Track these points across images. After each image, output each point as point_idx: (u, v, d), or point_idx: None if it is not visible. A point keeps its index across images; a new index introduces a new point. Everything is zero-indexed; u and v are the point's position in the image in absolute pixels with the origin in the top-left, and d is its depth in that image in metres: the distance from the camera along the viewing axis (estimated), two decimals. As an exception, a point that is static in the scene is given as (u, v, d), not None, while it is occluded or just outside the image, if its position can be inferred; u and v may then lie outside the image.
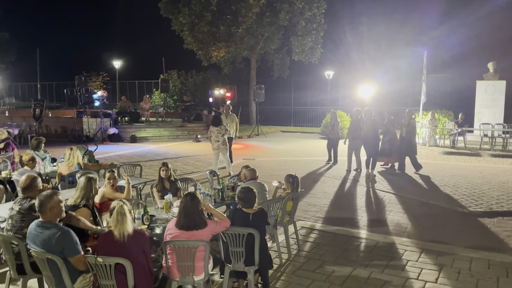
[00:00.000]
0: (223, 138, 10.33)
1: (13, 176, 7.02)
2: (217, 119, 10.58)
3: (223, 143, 10.34)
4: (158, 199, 5.71)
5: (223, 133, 10.34)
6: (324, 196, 8.58)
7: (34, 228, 3.66)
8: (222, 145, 10.35)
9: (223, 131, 10.35)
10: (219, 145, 10.34)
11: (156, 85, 29.27)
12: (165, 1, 23.70)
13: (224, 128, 10.44)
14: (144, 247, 3.66)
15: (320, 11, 23.03)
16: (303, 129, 24.25)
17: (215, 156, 10.54)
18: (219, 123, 10.47)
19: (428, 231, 6.44)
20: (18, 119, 20.70)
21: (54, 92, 37.98)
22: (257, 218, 4.33)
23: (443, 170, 11.30)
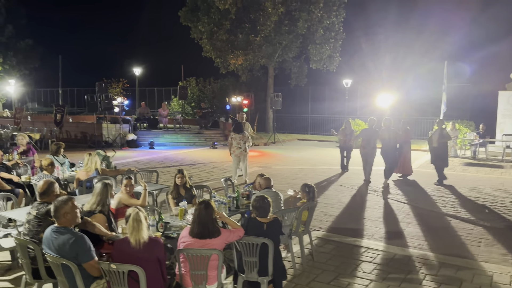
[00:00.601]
0: (245, 146, 10.44)
1: (33, 180, 7.13)
2: (239, 127, 10.68)
3: (245, 150, 10.46)
4: (173, 206, 5.72)
5: (245, 140, 10.45)
6: (340, 206, 8.47)
7: (50, 233, 3.69)
8: (244, 151, 10.48)
9: (245, 138, 10.46)
10: (242, 151, 10.46)
11: (174, 92, 29.58)
12: (185, 10, 24.01)
13: (246, 135, 10.55)
14: (158, 254, 3.65)
15: (339, 20, 22.98)
16: (320, 138, 24.09)
17: (235, 162, 10.61)
18: (241, 130, 10.57)
19: (447, 244, 6.28)
20: (40, 124, 21.14)
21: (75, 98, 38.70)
22: (272, 228, 4.29)
23: (464, 181, 11.05)
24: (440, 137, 10.65)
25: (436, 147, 10.71)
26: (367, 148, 10.67)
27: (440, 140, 10.65)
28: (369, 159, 10.77)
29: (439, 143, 10.65)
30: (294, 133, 26.48)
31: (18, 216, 5.18)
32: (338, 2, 22.46)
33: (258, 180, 6.20)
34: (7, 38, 34.29)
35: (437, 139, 10.68)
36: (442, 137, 10.65)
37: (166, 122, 21.60)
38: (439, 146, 10.65)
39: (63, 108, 19.47)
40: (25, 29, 35.94)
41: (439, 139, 10.65)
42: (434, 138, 10.78)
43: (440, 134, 10.68)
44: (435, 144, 10.73)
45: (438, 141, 10.66)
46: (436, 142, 10.68)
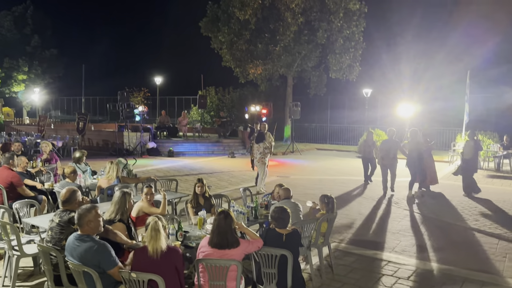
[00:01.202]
0: (260, 156, 10.61)
1: (55, 187, 7.26)
2: (260, 136, 10.80)
3: (259, 160, 10.64)
4: (193, 215, 5.74)
5: (261, 151, 10.60)
6: (360, 218, 8.35)
7: (72, 241, 3.75)
8: (257, 162, 10.71)
9: (261, 148, 10.60)
10: (255, 161, 10.78)
11: (194, 101, 29.87)
12: (206, 21, 24.34)
13: (262, 146, 10.65)
14: (176, 264, 3.66)
15: (359, 29, 22.89)
16: (339, 147, 23.90)
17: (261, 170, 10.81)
18: (260, 140, 10.70)
19: (470, 259, 6.11)
20: (62, 131, 21.60)
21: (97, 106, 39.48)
22: (291, 239, 4.25)
23: (487, 194, 10.77)
24: (475, 148, 10.47)
25: (468, 159, 10.51)
26: (386, 159, 10.53)
27: (474, 151, 10.46)
28: (391, 169, 10.61)
29: (473, 154, 10.46)
30: (313, 143, 26.33)
31: (41, 222, 5.28)
32: (358, 12, 22.40)
33: (277, 190, 6.18)
34: (33, 48, 35.36)
35: (470, 151, 10.47)
36: (476, 148, 10.49)
37: (186, 131, 21.80)
38: (472, 157, 10.46)
39: (85, 116, 19.86)
40: (50, 40, 37.02)
41: (474, 150, 10.46)
42: (466, 150, 10.57)
43: (475, 146, 10.50)
44: (468, 156, 10.51)
45: (471, 152, 10.45)
46: (470, 154, 10.47)
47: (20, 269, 5.08)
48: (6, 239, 4.79)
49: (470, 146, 10.52)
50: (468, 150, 10.51)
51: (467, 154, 10.53)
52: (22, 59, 33.84)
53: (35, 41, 35.31)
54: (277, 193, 6.17)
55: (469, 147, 10.54)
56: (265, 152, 10.63)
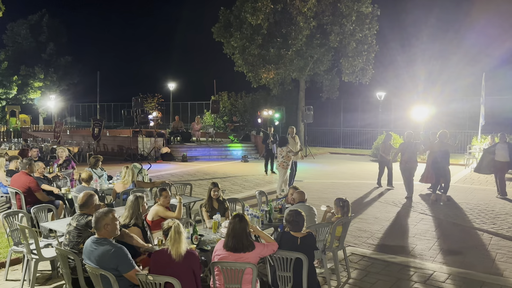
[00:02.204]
0: (282, 160, 10.51)
1: (72, 192, 7.37)
2: (282, 140, 10.81)
3: (280, 164, 10.56)
4: (207, 218, 5.77)
5: (283, 155, 10.51)
6: (376, 222, 8.29)
7: (90, 244, 3.80)
8: (279, 165, 10.64)
9: (284, 152, 10.51)
10: (278, 165, 10.74)
11: (207, 106, 30.03)
12: (218, 26, 24.50)
13: (286, 150, 10.55)
14: (194, 267, 3.69)
15: (372, 32, 22.79)
16: (353, 151, 23.76)
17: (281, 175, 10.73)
18: (284, 144, 10.65)
19: (487, 262, 6.02)
20: (78, 137, 21.90)
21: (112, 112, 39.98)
22: (306, 243, 4.25)
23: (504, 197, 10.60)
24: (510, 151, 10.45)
25: (506, 162, 10.50)
26: (410, 163, 10.45)
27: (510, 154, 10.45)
28: (412, 173, 10.52)
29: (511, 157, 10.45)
30: (326, 146, 26.25)
31: (58, 227, 5.36)
32: (371, 15, 22.32)
33: (290, 192, 6.19)
34: (48, 56, 36.02)
35: (506, 154, 10.47)
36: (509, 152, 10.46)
37: (199, 136, 21.92)
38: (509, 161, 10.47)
39: (100, 122, 20.13)
40: (65, 47, 37.68)
41: (510, 153, 10.45)
42: (502, 153, 10.53)
43: (510, 148, 10.50)
44: (504, 159, 10.49)
45: (509, 156, 10.45)
46: (507, 157, 10.47)
47: (39, 273, 5.16)
48: (25, 243, 4.88)
49: (505, 149, 10.51)
50: (504, 153, 10.50)
51: (504, 157, 10.50)
52: (38, 67, 34.46)
53: (50, 48, 35.97)
54: (291, 195, 6.18)
55: (503, 149, 10.52)
56: (288, 155, 10.48)
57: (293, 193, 6.36)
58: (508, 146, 10.61)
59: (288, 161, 10.50)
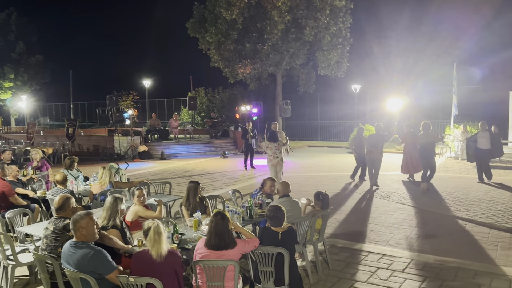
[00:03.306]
0: (281, 155, 10.33)
1: (48, 195, 7.22)
2: (274, 135, 10.51)
3: (281, 159, 10.31)
4: (188, 217, 5.74)
5: (281, 149, 10.36)
6: (354, 213, 8.42)
7: (68, 248, 3.75)
8: (281, 161, 10.33)
9: (280, 147, 10.36)
10: (279, 161, 10.31)
11: (184, 103, 29.82)
12: (192, 21, 24.26)
13: (281, 143, 10.44)
14: (176, 267, 3.68)
15: (346, 26, 23.00)
16: (330, 144, 24.05)
17: (272, 171, 10.43)
18: (276, 139, 10.40)
19: (463, 248, 6.21)
20: (52, 138, 21.42)
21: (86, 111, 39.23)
22: (286, 237, 4.29)
23: (478, 184, 10.94)
24: (491, 139, 11.01)
25: (486, 149, 11.00)
26: (374, 153, 10.70)
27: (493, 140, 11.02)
28: (375, 164, 10.78)
29: (492, 144, 10.99)
30: (304, 140, 26.47)
31: (35, 231, 5.25)
32: (344, 9, 22.51)
33: (268, 184, 6.32)
34: (18, 55, 34.99)
35: (488, 142, 10.99)
36: (493, 139, 11.04)
37: (177, 133, 21.75)
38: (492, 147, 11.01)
39: (74, 122, 19.76)
40: (36, 46, 36.64)
41: (491, 140, 11.00)
42: (483, 141, 11.02)
43: (492, 136, 11.08)
44: (485, 146, 10.99)
45: (490, 143, 10.99)
46: (488, 145, 10.99)
47: (16, 279, 5.05)
48: (0, 249, 4.76)
49: (486, 137, 11.02)
50: (485, 141, 11.00)
51: (485, 144, 10.99)
52: (8, 66, 33.47)
53: (20, 47, 34.95)
54: (269, 187, 6.24)
55: (485, 138, 11.02)
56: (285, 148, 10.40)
57: (273, 185, 6.43)
58: (489, 134, 11.08)
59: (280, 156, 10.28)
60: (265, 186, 6.49)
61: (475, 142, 11.24)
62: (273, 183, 6.54)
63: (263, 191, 6.47)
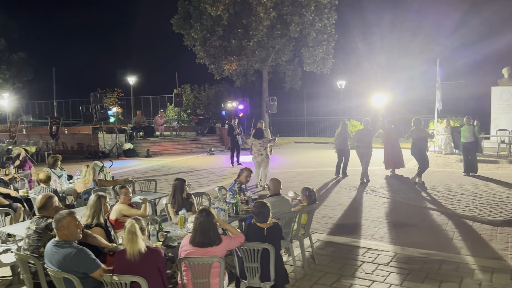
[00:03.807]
0: (266, 152, 10.40)
1: (30, 194, 7.11)
2: (259, 132, 10.57)
3: (266, 156, 10.39)
4: (173, 214, 5.72)
5: (266, 146, 10.42)
6: (340, 208, 8.49)
7: (51, 247, 3.70)
8: (265, 158, 10.40)
9: (265, 144, 10.42)
10: (263, 158, 10.38)
11: (170, 100, 29.58)
12: (177, 18, 24.06)
13: (266, 141, 10.51)
14: (159, 264, 3.65)
15: (331, 22, 23.10)
16: (317, 140, 24.17)
17: (257, 168, 10.55)
18: (262, 136, 10.48)
19: (447, 241, 6.31)
20: (35, 136, 21.08)
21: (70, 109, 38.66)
22: (272, 233, 4.30)
23: (461, 178, 11.12)
24: (473, 134, 11.42)
25: (472, 142, 11.41)
26: (361, 147, 10.91)
27: (474, 136, 11.45)
28: (364, 158, 10.92)
29: (474, 137, 11.45)
30: (291, 136, 26.55)
31: (17, 231, 5.16)
32: (329, 5, 22.60)
33: (245, 174, 6.51)
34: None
35: (472, 135, 11.40)
36: (474, 133, 11.45)
37: (163, 130, 21.60)
38: (474, 140, 11.47)
39: (58, 120, 19.45)
40: (17, 43, 35.94)
41: (473, 135, 11.41)
42: (468, 135, 11.39)
43: (474, 130, 11.47)
44: (470, 140, 11.39)
45: (473, 136, 11.43)
46: (473, 138, 11.41)
47: (-2, 279, 4.98)
48: (-18, 250, 4.68)
49: (470, 131, 11.38)
50: (470, 134, 11.37)
51: (469, 138, 11.38)
52: (-11, 64, 32.82)
53: (1, 44, 34.25)
54: (244, 177, 6.32)
55: (469, 131, 11.37)
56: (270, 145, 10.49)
57: (248, 175, 6.61)
58: (473, 128, 11.43)
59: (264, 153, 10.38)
60: (241, 175, 6.62)
61: (459, 134, 11.56)
62: (249, 173, 6.68)
63: (239, 180, 6.58)
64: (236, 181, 6.59)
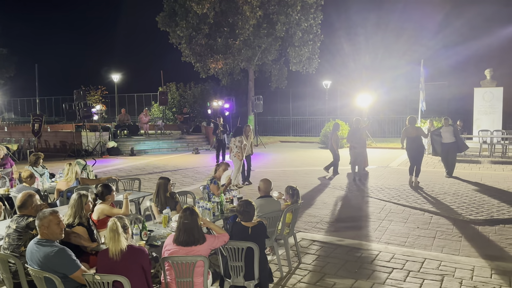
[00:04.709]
0: (236, 151, 10.48)
1: (11, 192, 6.98)
2: (238, 130, 10.78)
3: (236, 154, 10.48)
4: (157, 213, 5.67)
5: (237, 145, 10.49)
6: (324, 207, 8.54)
7: (32, 245, 3.64)
8: (234, 156, 10.51)
9: (237, 142, 10.51)
10: (232, 155, 10.55)
11: (155, 98, 29.37)
12: (163, 15, 23.84)
13: (238, 139, 10.56)
14: (143, 264, 3.62)
15: (317, 22, 23.18)
16: (302, 139, 24.26)
17: (236, 165, 10.63)
18: (238, 134, 10.62)
19: (429, 240, 6.40)
20: (17, 134, 20.70)
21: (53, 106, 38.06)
22: (257, 232, 4.30)
23: (443, 177, 11.28)
24: (455, 133, 11.42)
25: (452, 143, 11.35)
26: (358, 148, 11.00)
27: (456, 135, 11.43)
28: (359, 158, 11.02)
29: (456, 138, 11.40)
30: (276, 135, 26.62)
31: (-2, 230, 5.06)
32: (315, 5, 22.67)
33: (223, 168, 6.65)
34: (-20, 48, 33.61)
35: (451, 136, 11.37)
36: (456, 133, 11.46)
37: (147, 128, 21.42)
38: (456, 140, 11.42)
39: (41, 118, 19.13)
40: (-2, 38, 35.28)
41: (455, 135, 11.41)
42: (447, 135, 11.38)
43: (455, 130, 11.48)
44: (450, 140, 11.34)
45: (454, 137, 11.38)
46: (453, 138, 11.36)
47: (-23, 280, 4.87)
48: (-40, 249, 4.56)
49: (450, 131, 11.39)
50: (449, 135, 11.37)
51: (449, 138, 11.36)
52: (-31, 60, 32.11)
53: (-19, 40, 33.61)
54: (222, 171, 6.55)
55: (450, 132, 11.39)
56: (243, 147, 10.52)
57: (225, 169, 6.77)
58: (452, 129, 11.48)
59: (243, 152, 10.48)
60: (217, 170, 6.68)
61: (439, 136, 11.58)
62: (226, 167, 6.77)
63: (215, 176, 6.60)
64: (214, 178, 6.55)
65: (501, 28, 21.60)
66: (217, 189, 6.32)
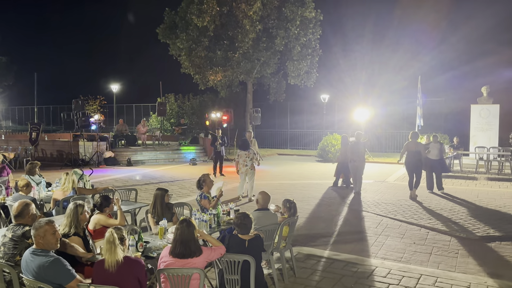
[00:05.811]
0: (251, 162, 10.43)
1: (8, 201, 6.95)
2: (245, 143, 10.59)
3: (251, 167, 10.42)
4: (153, 225, 5.65)
5: (251, 157, 10.43)
6: (321, 220, 8.52)
7: (28, 255, 3.63)
8: (250, 169, 10.41)
9: (251, 155, 10.43)
10: (248, 169, 10.39)
11: (153, 108, 29.39)
12: (163, 27, 24.06)
13: (252, 152, 10.52)
14: (139, 276, 3.60)
15: (315, 37, 23.41)
16: (300, 152, 24.29)
17: (242, 179, 10.57)
18: (247, 147, 10.50)
19: (425, 256, 6.39)
20: (14, 142, 20.66)
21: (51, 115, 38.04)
22: (253, 245, 4.29)
23: (439, 193, 11.29)
24: (441, 151, 11.75)
25: (438, 160, 11.61)
26: (357, 161, 11.08)
27: (441, 153, 11.78)
28: (358, 171, 11.07)
29: (440, 155, 11.72)
30: (274, 148, 26.64)
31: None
32: (314, 20, 22.92)
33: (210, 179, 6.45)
34: (-21, 56, 33.70)
35: (438, 153, 11.65)
36: (442, 151, 11.83)
37: (145, 139, 21.41)
38: (441, 158, 11.73)
39: (38, 126, 19.12)
40: (-2, 46, 35.43)
41: (441, 152, 11.74)
42: (434, 152, 11.55)
43: (441, 148, 11.80)
44: (436, 157, 11.57)
45: (440, 154, 11.70)
46: (438, 155, 11.64)
47: (-30, 289, 4.82)
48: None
49: (437, 148, 11.64)
50: (436, 152, 11.58)
51: (435, 155, 11.57)
52: (-32, 68, 32.18)
53: (-19, 48, 33.73)
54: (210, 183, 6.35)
55: (436, 149, 11.61)
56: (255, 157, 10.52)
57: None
58: (440, 146, 11.74)
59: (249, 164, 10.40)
60: (203, 186, 6.39)
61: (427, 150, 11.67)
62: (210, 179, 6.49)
63: (204, 191, 6.39)
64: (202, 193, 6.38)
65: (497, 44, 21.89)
66: (208, 203, 6.25)
